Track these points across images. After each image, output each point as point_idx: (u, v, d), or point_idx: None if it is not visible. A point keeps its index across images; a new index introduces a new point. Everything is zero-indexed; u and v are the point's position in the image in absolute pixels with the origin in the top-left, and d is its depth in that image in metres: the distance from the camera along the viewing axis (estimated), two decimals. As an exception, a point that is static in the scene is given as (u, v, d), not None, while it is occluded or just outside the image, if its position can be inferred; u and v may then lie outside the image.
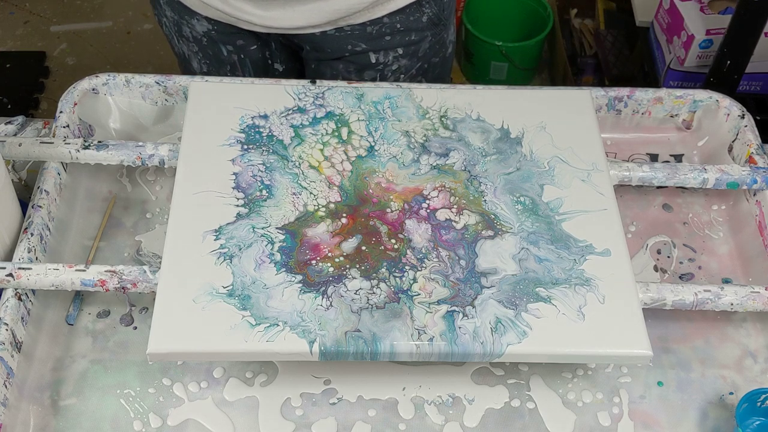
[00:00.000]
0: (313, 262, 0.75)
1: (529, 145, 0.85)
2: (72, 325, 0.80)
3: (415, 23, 1.00)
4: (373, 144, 0.85)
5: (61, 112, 0.89)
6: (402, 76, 1.04)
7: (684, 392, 0.79)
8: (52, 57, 2.12)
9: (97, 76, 0.92)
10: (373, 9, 0.96)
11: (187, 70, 1.10)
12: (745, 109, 0.94)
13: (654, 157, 0.96)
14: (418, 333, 0.71)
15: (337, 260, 0.75)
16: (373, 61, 1.01)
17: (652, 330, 0.76)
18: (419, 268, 0.75)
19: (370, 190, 0.81)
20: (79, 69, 2.08)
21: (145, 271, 0.76)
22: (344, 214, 0.79)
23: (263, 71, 1.07)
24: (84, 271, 0.76)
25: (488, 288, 0.74)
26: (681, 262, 0.88)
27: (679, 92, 0.95)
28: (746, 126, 0.92)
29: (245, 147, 0.83)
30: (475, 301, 0.73)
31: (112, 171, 0.92)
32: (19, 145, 0.85)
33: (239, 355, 0.72)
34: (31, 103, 2.00)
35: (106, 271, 0.76)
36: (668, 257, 0.88)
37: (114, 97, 0.93)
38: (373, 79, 1.02)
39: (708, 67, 1.37)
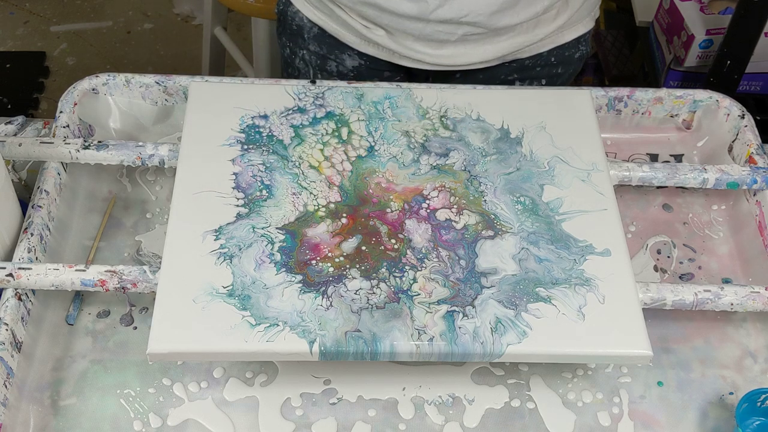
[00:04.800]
0: (313, 262, 0.75)
1: (529, 145, 0.85)
2: (72, 325, 0.80)
3: (568, 58, 1.02)
4: (373, 144, 0.85)
5: (61, 112, 0.89)
6: None
7: (684, 392, 0.79)
8: (52, 57, 2.12)
9: (97, 76, 0.92)
10: (542, 43, 0.99)
11: None
12: (745, 109, 0.94)
13: (654, 157, 0.96)
14: (418, 333, 0.71)
15: (337, 260, 0.75)
16: (517, 85, 1.03)
17: (652, 330, 0.76)
18: (419, 268, 0.75)
19: (370, 190, 0.81)
20: (79, 69, 2.08)
21: (145, 271, 0.76)
22: (344, 214, 0.79)
23: None
24: (84, 271, 0.76)
25: (488, 288, 0.74)
26: (681, 262, 0.88)
27: (679, 92, 0.95)
28: (746, 126, 0.92)
29: (245, 147, 0.83)
30: (475, 301, 0.73)
31: (112, 171, 0.92)
32: (19, 145, 0.85)
33: (239, 355, 0.72)
34: (31, 103, 2.00)
35: (106, 271, 0.76)
36: (668, 257, 0.88)
37: (114, 97, 0.93)
38: None
39: (708, 67, 1.37)
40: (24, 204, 0.84)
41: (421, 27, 0.92)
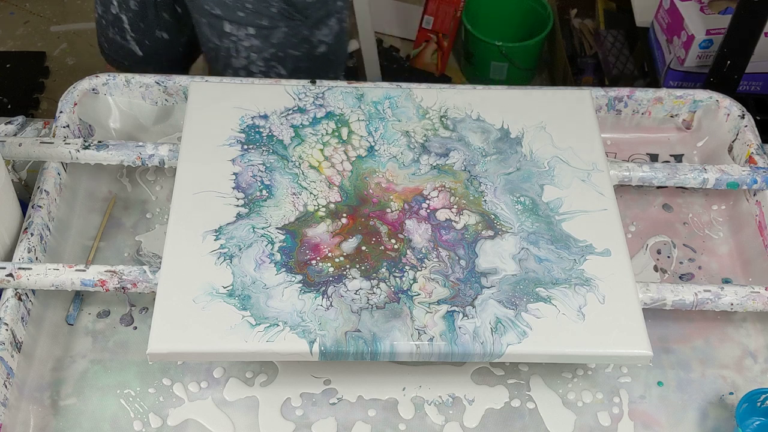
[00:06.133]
0: (313, 262, 0.75)
1: (529, 145, 0.85)
2: (72, 325, 0.80)
3: (265, 10, 1.02)
4: (373, 144, 0.85)
5: (61, 112, 0.89)
6: (255, 55, 1.06)
7: (684, 392, 0.79)
8: (52, 57, 2.11)
9: (97, 76, 0.92)
10: None
11: None
12: (745, 109, 0.94)
13: (654, 157, 0.96)
14: (418, 333, 0.71)
15: (337, 260, 0.75)
16: (227, 30, 1.03)
17: (652, 330, 0.76)
18: (419, 268, 0.75)
19: (370, 190, 0.81)
20: (79, 69, 2.08)
21: (145, 271, 0.76)
22: (344, 214, 0.79)
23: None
24: (84, 271, 0.76)
25: (488, 288, 0.74)
26: (681, 262, 0.88)
27: (679, 92, 0.95)
28: (746, 126, 0.92)
29: (245, 147, 0.83)
30: (475, 301, 0.73)
31: (112, 171, 0.92)
32: (19, 145, 0.85)
33: (239, 355, 0.72)
34: (31, 103, 1.99)
35: (106, 271, 0.76)
36: (668, 257, 0.88)
37: (114, 97, 0.93)
38: (228, 50, 1.06)
39: (708, 67, 1.37)
40: (24, 204, 0.84)
41: None
